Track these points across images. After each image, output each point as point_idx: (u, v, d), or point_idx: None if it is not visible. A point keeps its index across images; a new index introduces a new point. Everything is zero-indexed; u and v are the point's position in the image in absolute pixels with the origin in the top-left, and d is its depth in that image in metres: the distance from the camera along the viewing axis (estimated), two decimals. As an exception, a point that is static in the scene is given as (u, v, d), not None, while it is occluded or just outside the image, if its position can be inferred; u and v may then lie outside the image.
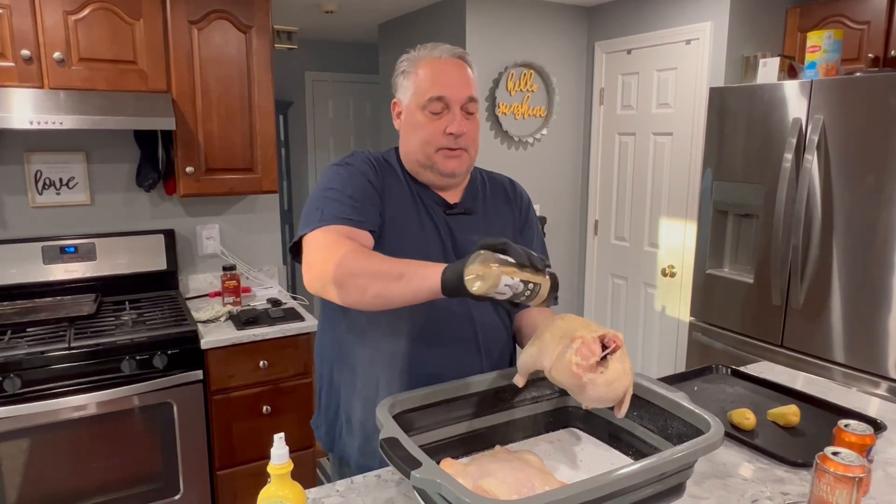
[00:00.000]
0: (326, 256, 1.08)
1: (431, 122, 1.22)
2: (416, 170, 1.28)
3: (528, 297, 0.94)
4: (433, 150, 1.23)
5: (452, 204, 1.31)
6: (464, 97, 1.22)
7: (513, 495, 0.89)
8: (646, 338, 3.41)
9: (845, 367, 2.22)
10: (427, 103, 1.21)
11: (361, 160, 1.26)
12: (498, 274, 0.90)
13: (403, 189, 1.28)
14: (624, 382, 1.00)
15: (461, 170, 1.27)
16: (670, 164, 3.14)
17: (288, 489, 0.94)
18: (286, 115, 5.00)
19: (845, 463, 0.94)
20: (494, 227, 1.34)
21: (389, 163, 1.31)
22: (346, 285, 1.05)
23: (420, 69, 1.23)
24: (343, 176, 1.22)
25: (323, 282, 1.08)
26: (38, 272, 2.33)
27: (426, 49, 1.25)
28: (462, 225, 1.29)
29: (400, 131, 1.30)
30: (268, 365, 2.27)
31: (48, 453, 1.96)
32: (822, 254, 2.25)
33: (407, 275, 1.00)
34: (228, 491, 2.26)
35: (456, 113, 1.22)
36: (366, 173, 1.23)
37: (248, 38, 2.38)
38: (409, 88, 1.24)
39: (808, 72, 2.38)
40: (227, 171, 2.42)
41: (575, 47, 3.52)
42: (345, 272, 1.05)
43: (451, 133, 1.21)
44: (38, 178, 2.38)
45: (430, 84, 1.21)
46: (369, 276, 1.03)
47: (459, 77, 1.23)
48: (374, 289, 1.03)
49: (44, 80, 2.07)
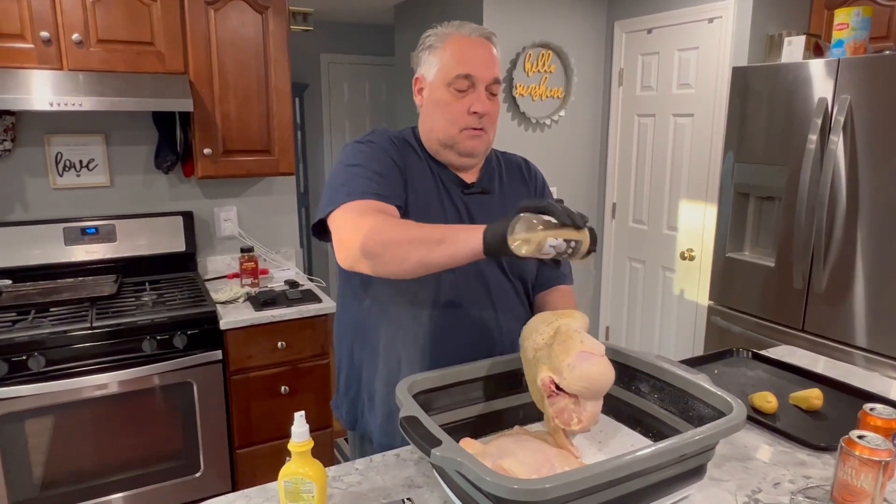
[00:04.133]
0: (361, 228, 1.07)
1: (457, 100, 1.21)
2: (437, 149, 1.27)
3: (571, 254, 0.95)
4: (457, 129, 1.22)
5: (470, 183, 1.30)
6: (490, 77, 1.22)
7: (532, 475, 0.89)
8: (663, 322, 3.38)
9: (868, 351, 2.19)
10: (454, 80, 1.20)
11: (383, 137, 1.26)
12: (543, 236, 0.92)
13: (423, 167, 1.27)
14: (600, 400, 1.03)
15: (481, 149, 1.27)
16: (690, 146, 3.09)
17: (308, 467, 0.95)
18: (302, 98, 4.99)
19: (871, 447, 0.92)
20: (510, 205, 1.31)
21: (408, 141, 1.30)
22: (385, 255, 1.04)
23: (447, 46, 1.22)
24: (366, 152, 1.22)
25: (360, 254, 1.06)
26: (60, 253, 2.36)
27: (453, 26, 1.24)
28: (479, 204, 1.29)
29: (421, 108, 1.29)
30: (286, 346, 2.29)
31: (71, 431, 2.00)
32: (846, 237, 2.21)
33: (448, 239, 1.00)
34: (248, 469, 2.29)
35: (481, 92, 1.21)
36: (388, 150, 1.23)
37: (265, 18, 2.37)
38: (434, 65, 1.23)
39: (834, 50, 2.32)
40: (244, 152, 2.42)
41: (594, 27, 3.46)
42: (382, 242, 1.04)
43: (476, 112, 1.21)
44: (58, 159, 2.40)
45: (457, 61, 1.20)
46: (409, 242, 1.03)
47: (487, 57, 1.22)
48: (415, 255, 1.02)
49: (63, 62, 2.07)
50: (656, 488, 0.94)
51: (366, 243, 1.05)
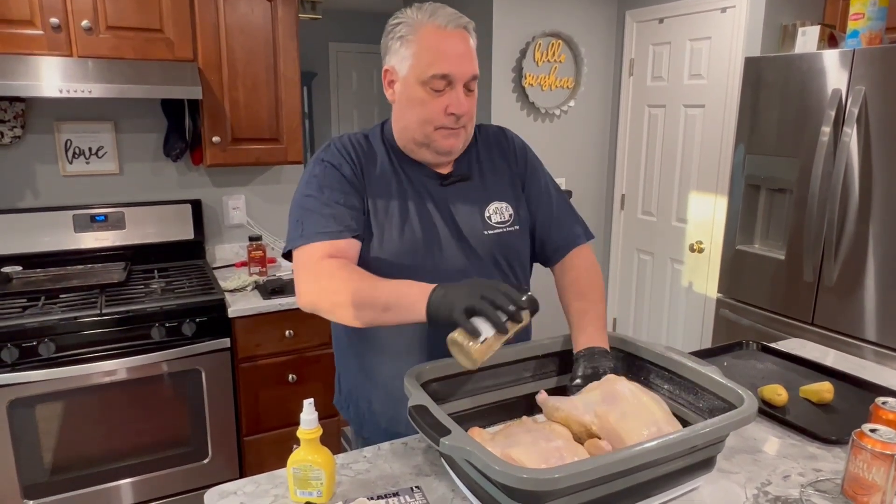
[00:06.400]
0: (311, 284, 1.12)
1: (433, 99, 1.14)
2: (411, 147, 1.22)
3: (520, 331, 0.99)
4: (432, 128, 1.16)
5: (446, 174, 1.25)
6: (469, 74, 1.14)
7: (541, 464, 0.89)
8: (672, 314, 3.37)
9: (877, 345, 2.17)
10: (429, 80, 1.12)
11: (336, 153, 1.21)
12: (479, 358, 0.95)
13: (388, 174, 1.22)
14: None
15: (459, 147, 1.22)
16: (701, 137, 3.06)
17: (317, 454, 0.95)
18: (310, 87, 4.99)
19: (883, 440, 0.92)
20: (491, 186, 1.28)
21: (371, 145, 1.24)
22: (336, 314, 1.10)
23: (421, 38, 1.12)
24: (319, 177, 1.19)
25: (313, 309, 1.12)
26: (70, 240, 2.37)
27: (425, 13, 1.13)
28: (459, 193, 1.24)
29: (393, 104, 1.22)
30: (293, 334, 2.29)
31: (81, 417, 2.01)
32: (858, 230, 2.19)
33: (392, 307, 1.02)
34: (255, 456, 2.30)
35: (459, 91, 1.14)
36: (341, 168, 1.19)
37: (274, 6, 2.35)
38: (406, 58, 1.14)
39: (849, 41, 2.29)
40: (253, 140, 2.42)
41: (604, 16, 3.43)
42: (332, 303, 1.08)
43: (453, 113, 1.15)
44: (68, 147, 2.40)
45: (433, 58, 1.12)
46: (356, 307, 1.05)
47: (465, 52, 1.14)
48: (364, 318, 1.06)
49: (72, 49, 2.07)
50: (666, 479, 0.93)
51: (316, 302, 1.10)
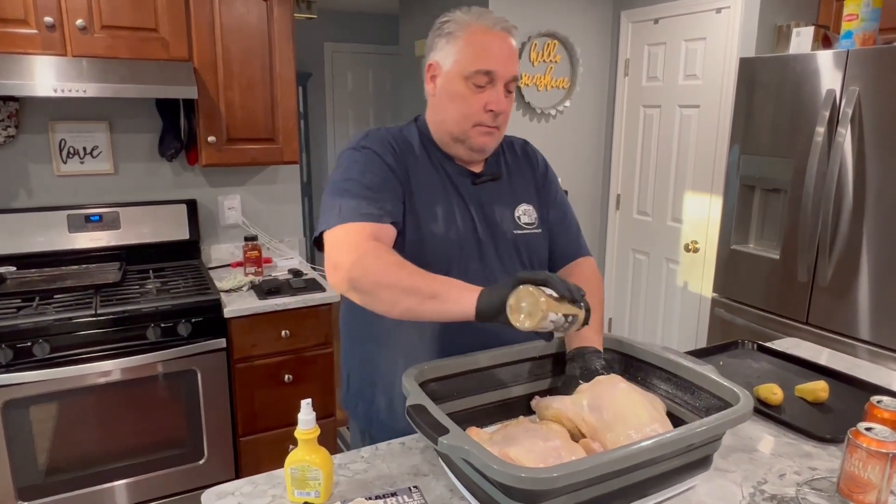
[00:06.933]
0: (356, 261, 1.04)
1: (473, 94, 1.17)
2: (447, 142, 1.24)
3: (566, 328, 0.94)
4: (470, 124, 1.19)
5: (479, 173, 1.29)
6: (510, 74, 1.19)
7: (539, 464, 0.89)
8: (667, 314, 3.38)
9: (871, 344, 2.18)
10: (473, 75, 1.16)
11: (378, 142, 1.21)
12: (546, 310, 0.90)
13: (427, 167, 1.24)
14: None
15: (492, 146, 1.26)
16: (696, 138, 3.07)
17: (315, 454, 0.95)
18: (305, 87, 4.98)
19: (879, 438, 0.92)
20: (518, 188, 1.33)
21: (409, 140, 1.26)
22: (377, 296, 1.03)
23: (468, 36, 1.17)
24: (360, 163, 1.17)
25: (351, 286, 1.05)
26: (64, 240, 2.36)
27: (474, 14, 1.19)
28: (489, 192, 1.28)
29: (432, 97, 1.25)
30: (289, 335, 2.29)
31: (76, 417, 2.00)
32: (852, 230, 2.20)
33: (440, 296, 0.97)
34: (251, 457, 2.30)
35: (500, 89, 1.18)
36: (384, 156, 1.18)
37: (269, 6, 2.35)
38: (451, 54, 1.18)
39: (843, 41, 2.30)
40: (248, 140, 2.41)
41: (600, 17, 3.44)
42: (375, 282, 1.02)
43: (492, 110, 1.18)
44: (62, 146, 2.39)
45: (478, 55, 1.16)
46: (401, 290, 1.00)
47: (508, 53, 1.19)
48: (404, 304, 1.00)
49: (66, 48, 2.06)
50: (663, 478, 0.94)
51: (358, 279, 1.03)
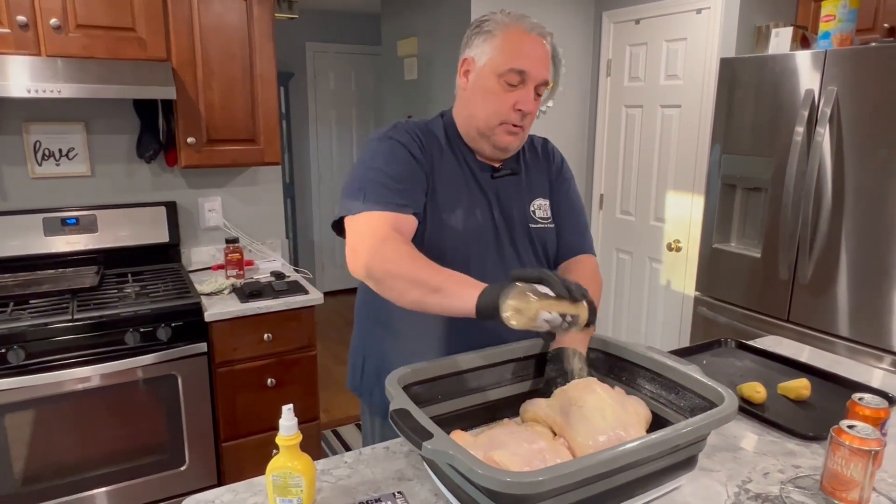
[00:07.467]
0: (373, 248, 1.09)
1: (505, 92, 1.20)
2: (473, 136, 1.27)
3: (566, 328, 0.93)
4: (497, 121, 1.22)
5: (498, 167, 1.32)
6: (541, 78, 1.22)
7: (524, 467, 0.88)
8: (650, 312, 3.40)
9: (850, 341, 2.21)
10: (507, 73, 1.19)
11: (405, 133, 1.24)
12: (536, 309, 0.89)
13: (450, 161, 1.27)
14: None
15: (515, 146, 1.28)
16: (678, 137, 3.09)
17: (297, 460, 0.93)
18: (287, 87, 4.94)
19: (861, 436, 0.93)
20: (534, 184, 1.36)
21: (434, 133, 1.29)
22: (386, 284, 1.08)
23: (506, 36, 1.20)
24: (385, 153, 1.20)
25: (366, 273, 1.09)
26: (40, 244, 2.31)
27: (512, 17, 1.22)
28: (507, 186, 1.31)
29: (463, 91, 1.27)
30: (272, 338, 2.26)
31: (53, 425, 1.96)
32: (832, 228, 2.23)
33: (445, 290, 1.01)
34: (234, 462, 2.27)
35: (530, 90, 1.21)
36: (410, 147, 1.22)
37: (249, 5, 2.32)
38: (487, 52, 1.21)
39: (821, 42, 2.32)
40: (228, 141, 2.38)
41: (582, 17, 3.44)
42: (386, 271, 1.07)
43: (520, 110, 1.21)
44: (37, 148, 2.34)
45: (514, 54, 1.19)
46: (409, 281, 1.04)
47: (543, 57, 1.22)
48: (411, 296, 1.05)
49: (41, 48, 2.02)
50: (648, 479, 0.93)
51: (373, 266, 1.08)
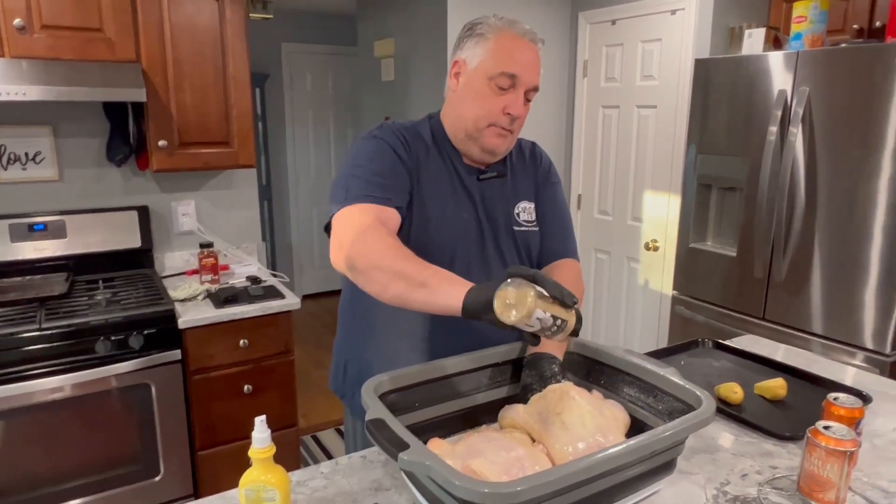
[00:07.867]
0: (356, 239, 1.06)
1: (495, 95, 1.20)
2: (461, 138, 1.27)
3: (554, 332, 0.90)
4: (485, 123, 1.22)
5: (484, 169, 1.31)
6: (532, 83, 1.23)
7: (503, 476, 0.87)
8: (628, 312, 3.42)
9: (824, 338, 2.24)
10: (497, 76, 1.19)
11: (391, 133, 1.24)
12: (533, 305, 0.86)
13: (436, 161, 1.27)
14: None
15: (503, 149, 1.28)
16: (654, 138, 3.11)
17: (270, 473, 0.91)
18: (262, 89, 4.88)
19: (837, 437, 0.93)
20: (520, 187, 1.36)
21: (421, 134, 1.28)
22: (369, 276, 1.04)
23: (499, 40, 1.20)
24: (370, 151, 1.21)
25: (349, 265, 1.06)
26: (6, 251, 2.24)
27: (505, 22, 1.22)
28: (492, 189, 1.31)
29: (453, 93, 1.27)
30: (248, 344, 2.23)
31: (23, 436, 1.90)
32: (805, 227, 2.26)
33: (429, 285, 0.97)
34: (210, 471, 2.23)
35: (520, 95, 1.22)
36: (395, 147, 1.21)
37: (222, 5, 2.28)
38: (479, 55, 1.21)
39: (793, 43, 2.35)
40: (201, 144, 2.34)
41: (558, 18, 3.45)
42: (369, 262, 1.03)
43: (510, 114, 1.21)
44: (2, 152, 2.27)
45: (506, 58, 1.19)
46: (393, 273, 1.00)
47: (534, 63, 1.23)
48: (394, 289, 1.01)
49: (4, 49, 1.96)
50: (628, 485, 0.93)
51: (355, 257, 1.05)
